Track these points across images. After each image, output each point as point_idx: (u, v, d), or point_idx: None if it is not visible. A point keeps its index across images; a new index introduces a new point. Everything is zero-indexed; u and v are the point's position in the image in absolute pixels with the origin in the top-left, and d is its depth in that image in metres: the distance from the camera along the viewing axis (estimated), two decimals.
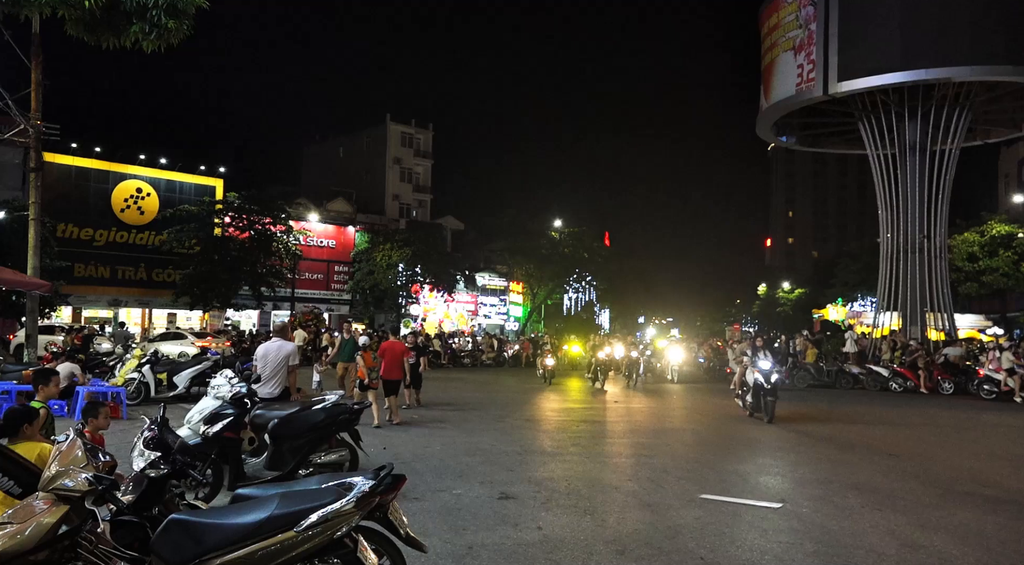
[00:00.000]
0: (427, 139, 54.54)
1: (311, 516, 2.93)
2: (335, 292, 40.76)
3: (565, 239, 44.07)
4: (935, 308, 24.04)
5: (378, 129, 52.24)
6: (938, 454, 9.21)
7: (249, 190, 31.43)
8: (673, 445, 9.65)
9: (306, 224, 36.39)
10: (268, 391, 7.26)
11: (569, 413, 13.14)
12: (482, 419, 11.47)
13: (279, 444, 6.15)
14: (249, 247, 30.17)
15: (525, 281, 46.13)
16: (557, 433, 10.62)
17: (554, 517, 5.74)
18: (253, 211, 30.36)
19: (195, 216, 29.71)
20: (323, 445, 6.39)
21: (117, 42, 10.51)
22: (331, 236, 41.01)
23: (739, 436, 10.42)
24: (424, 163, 54.18)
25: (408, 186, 52.64)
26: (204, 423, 5.96)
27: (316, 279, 40.09)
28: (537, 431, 10.75)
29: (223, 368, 10.08)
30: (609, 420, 12.10)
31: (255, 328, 34.25)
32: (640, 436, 10.43)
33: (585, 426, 11.39)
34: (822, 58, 24.12)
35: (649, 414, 13.35)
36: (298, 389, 7.97)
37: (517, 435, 10.21)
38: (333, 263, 40.97)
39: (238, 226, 30.25)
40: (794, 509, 6.15)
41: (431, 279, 37.15)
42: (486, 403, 13.74)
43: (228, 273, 29.03)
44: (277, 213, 31.13)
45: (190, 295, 29.09)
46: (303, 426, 6.22)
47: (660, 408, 14.34)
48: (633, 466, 8.03)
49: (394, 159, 51.81)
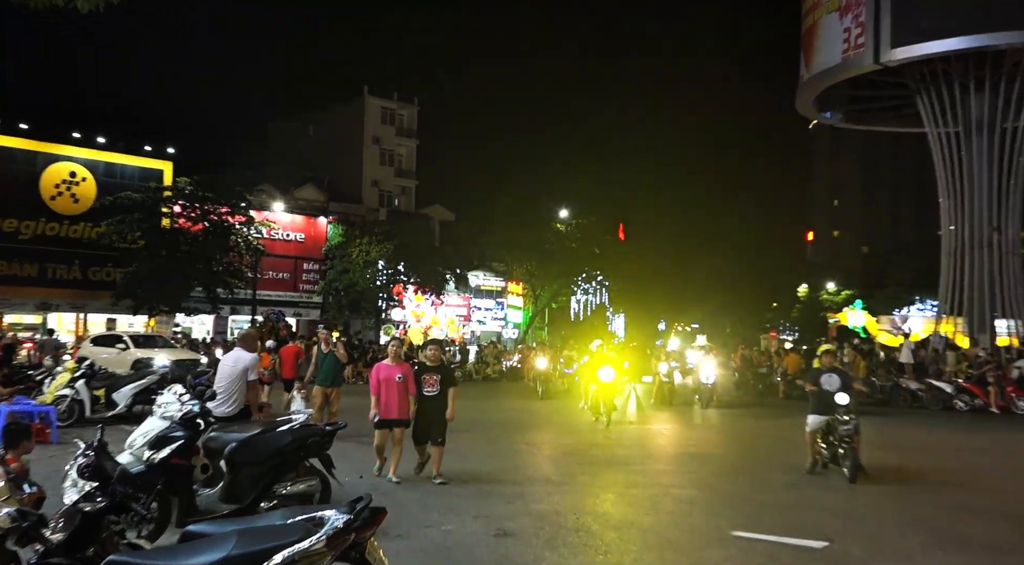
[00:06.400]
0: (411, 115, 54.53)
1: (275, 557, 2.90)
2: (304, 294, 40.72)
3: (573, 231, 44.09)
4: (1007, 312, 24.07)
5: (354, 104, 52.22)
6: (1012, 486, 9.21)
7: (203, 175, 31.37)
8: (699, 472, 9.64)
9: (270, 215, 36.32)
10: (224, 409, 7.24)
11: (576, 434, 13.11)
12: (474, 441, 11.44)
13: (237, 472, 6.12)
14: (203, 241, 30.11)
15: (526, 281, 46.15)
16: (563, 458, 10.60)
17: (560, 558, 5.72)
18: (207, 199, 30.31)
19: (139, 205, 29.63)
20: (289, 473, 6.37)
21: (48, 0, 10.47)
22: (299, 228, 40.99)
23: (777, 463, 10.41)
24: (408, 143, 54.17)
25: (389, 170, 52.65)
26: (149, 448, 5.93)
27: (282, 278, 40.05)
28: (539, 456, 10.72)
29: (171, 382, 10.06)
30: (623, 443, 12.08)
31: (209, 336, 34.20)
32: (660, 462, 10.40)
33: (596, 451, 11.36)
34: (873, 20, 24.11)
35: (671, 436, 13.33)
36: (261, 407, 7.96)
37: (516, 460, 10.20)
38: (301, 260, 40.92)
39: (190, 216, 30.20)
40: (842, 549, 6.13)
41: (416, 278, 37.11)
42: (479, 422, 13.72)
43: (178, 271, 28.98)
44: (236, 201, 31.08)
45: (133, 297, 29.03)
46: (266, 450, 6.19)
47: (684, 430, 14.31)
48: (652, 498, 8.01)
49: (373, 139, 51.80)
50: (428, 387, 8.53)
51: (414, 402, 8.50)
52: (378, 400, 8.42)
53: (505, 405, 18.48)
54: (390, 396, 8.41)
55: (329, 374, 11.52)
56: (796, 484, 8.92)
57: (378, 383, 8.46)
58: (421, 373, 8.61)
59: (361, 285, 35.74)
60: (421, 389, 8.51)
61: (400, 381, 8.44)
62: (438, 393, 8.52)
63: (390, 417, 8.41)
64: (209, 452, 6.44)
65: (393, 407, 8.40)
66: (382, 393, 8.41)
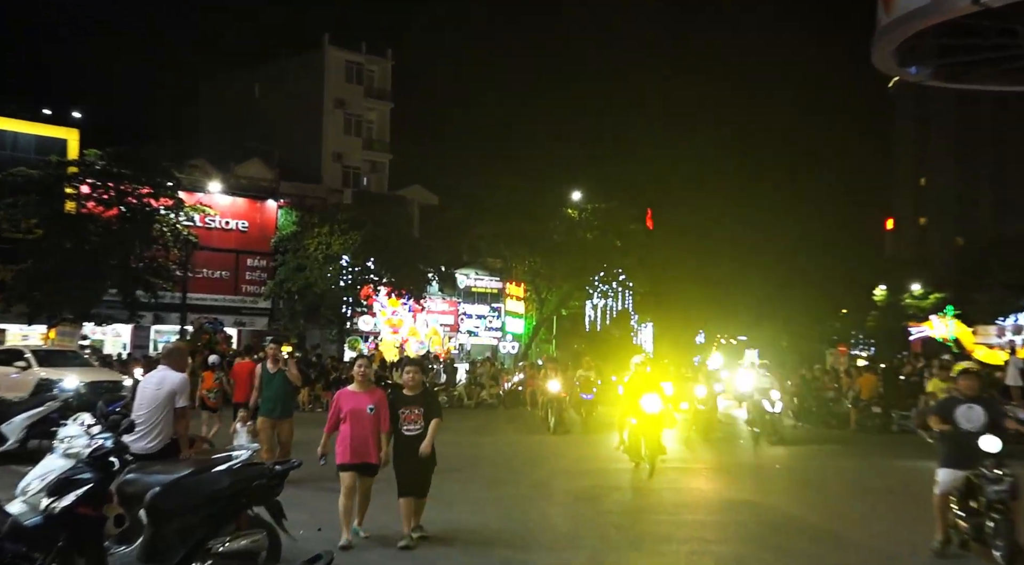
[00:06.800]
0: (384, 72, 54.57)
1: None
2: (248, 297, 40.74)
3: (588, 219, 44.13)
4: None
5: (311, 57, 52.25)
6: None
7: (118, 146, 31.36)
8: (749, 524, 9.65)
9: (204, 197, 36.36)
10: (145, 444, 7.24)
11: (592, 476, 13.10)
12: (464, 485, 11.45)
13: (161, 524, 6.09)
14: (118, 230, 30.10)
15: (528, 281, 46.17)
16: (576, 506, 10.61)
17: None
18: (124, 177, 30.29)
19: (35, 183, 29.58)
20: (229, 525, 6.33)
21: None
22: (242, 215, 41.01)
23: (846, 514, 10.38)
24: (380, 107, 54.22)
25: (356, 141, 52.67)
26: (48, 494, 5.88)
27: (220, 278, 40.06)
28: (547, 503, 10.72)
29: (77, 410, 10.04)
30: (653, 488, 12.09)
31: (126, 351, 34.17)
32: (699, 511, 10.39)
33: (617, 495, 11.35)
34: None
35: (711, 477, 13.31)
36: (192, 441, 7.95)
37: (517, 509, 10.19)
38: (245, 254, 40.95)
39: (101, 199, 30.19)
40: None
41: (390, 278, 37.13)
42: (471, 461, 13.71)
43: (86, 269, 28.97)
44: (160, 180, 31.08)
45: (28, 302, 29.00)
46: (198, 496, 6.17)
47: (726, 468, 14.30)
48: (689, 556, 8.01)
49: (335, 101, 51.81)
50: (408, 424, 8.17)
51: (387, 441, 8.19)
52: (338, 436, 8.14)
53: (507, 440, 18.49)
54: (359, 433, 8.07)
55: (278, 400, 11.42)
56: (859, 531, 8.90)
57: (339, 416, 8.16)
58: (398, 405, 8.26)
59: (320, 286, 35.73)
60: (399, 426, 8.18)
61: (372, 413, 8.14)
62: (422, 430, 8.16)
63: (364, 461, 8.11)
64: (125, 499, 6.41)
65: (363, 447, 8.09)
66: (350, 429, 8.08)
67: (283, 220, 40.56)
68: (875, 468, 15.06)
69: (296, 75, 52.69)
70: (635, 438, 13.34)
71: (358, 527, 8.34)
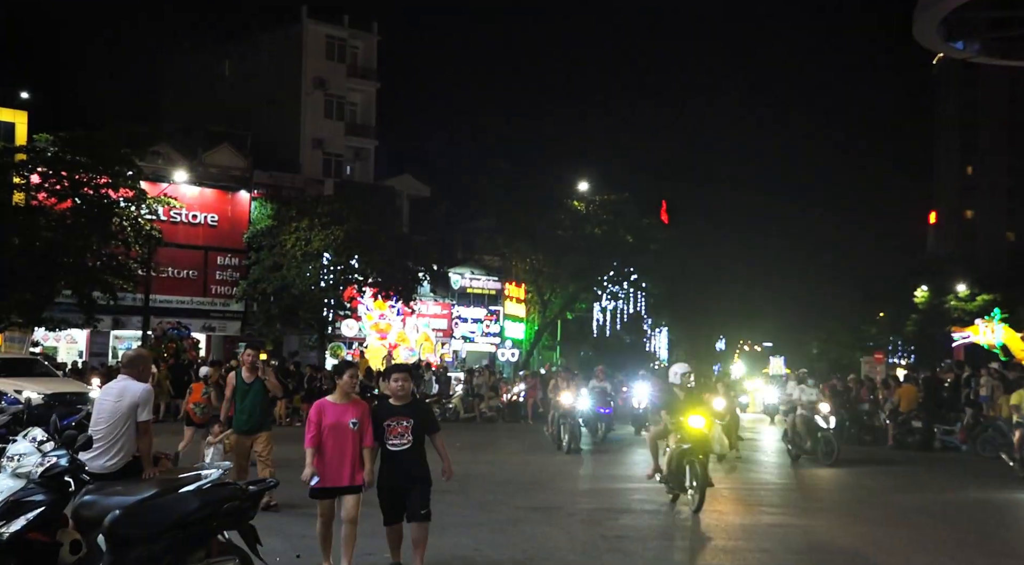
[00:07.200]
0: (369, 48, 54.61)
1: None
2: (218, 299, 40.76)
3: (596, 212, 44.15)
4: None
5: (288, 31, 52.29)
6: None
7: (73, 130, 31.38)
8: (774, 550, 9.67)
9: (169, 188, 36.37)
10: (104, 463, 7.21)
11: (602, 498, 13.10)
12: (459, 506, 11.46)
13: (122, 551, 6.09)
14: (72, 224, 30.12)
15: (530, 281, 46.20)
16: (584, 530, 10.62)
17: None
18: (79, 165, 30.29)
19: None
20: (198, 552, 6.33)
21: None
22: (211, 207, 41.03)
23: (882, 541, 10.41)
24: (365, 87, 54.24)
25: (338, 125, 52.69)
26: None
27: (186, 277, 40.08)
28: (551, 526, 10.72)
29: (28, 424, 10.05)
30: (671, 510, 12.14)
31: (82, 359, 34.17)
32: (720, 535, 10.39)
33: (630, 518, 11.35)
34: None
35: (733, 498, 13.32)
36: (157, 459, 7.93)
37: (517, 534, 10.21)
38: (215, 251, 40.95)
39: (53, 190, 30.19)
40: None
41: (376, 278, 37.13)
42: (466, 481, 13.69)
43: (36, 268, 28.97)
44: (120, 169, 31.06)
45: None
46: (163, 521, 6.16)
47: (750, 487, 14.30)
48: None
49: (315, 81, 51.82)
50: (394, 438, 7.93)
51: (371, 458, 7.98)
52: (319, 455, 7.87)
53: (510, 459, 18.43)
54: (339, 451, 7.85)
55: (254, 413, 11.31)
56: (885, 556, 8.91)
57: (319, 430, 7.88)
58: (384, 417, 8.03)
59: (298, 287, 35.74)
60: (384, 441, 7.97)
61: (354, 428, 7.90)
62: (411, 445, 7.94)
63: (340, 484, 7.88)
64: (82, 523, 6.39)
65: (344, 468, 7.86)
66: (327, 446, 7.87)
67: (257, 213, 40.56)
68: (916, 491, 15.04)
69: (271, 51, 52.67)
70: (678, 463, 12.23)
71: (345, 563, 7.89)
